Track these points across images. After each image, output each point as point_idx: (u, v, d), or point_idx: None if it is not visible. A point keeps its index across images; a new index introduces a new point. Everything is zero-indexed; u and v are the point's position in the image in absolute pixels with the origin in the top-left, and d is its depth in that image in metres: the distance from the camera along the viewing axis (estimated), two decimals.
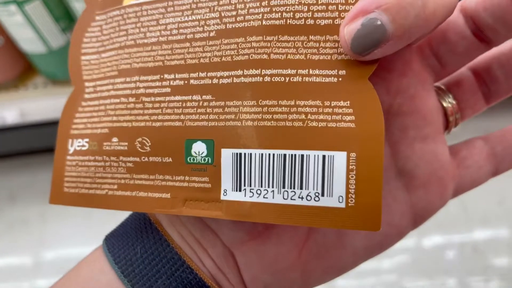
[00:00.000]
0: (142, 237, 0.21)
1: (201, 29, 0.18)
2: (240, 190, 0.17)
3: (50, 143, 0.45)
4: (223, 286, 0.20)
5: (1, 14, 0.57)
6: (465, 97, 0.20)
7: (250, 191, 0.17)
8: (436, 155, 0.19)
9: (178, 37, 0.18)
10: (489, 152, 0.20)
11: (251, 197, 0.17)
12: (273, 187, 0.16)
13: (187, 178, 0.18)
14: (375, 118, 0.15)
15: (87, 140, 0.20)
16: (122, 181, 0.19)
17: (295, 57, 0.16)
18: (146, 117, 0.18)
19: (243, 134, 0.17)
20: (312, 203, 0.16)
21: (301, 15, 0.16)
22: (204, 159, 0.17)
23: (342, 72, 0.16)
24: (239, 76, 0.17)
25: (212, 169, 0.17)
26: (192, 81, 0.18)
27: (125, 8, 0.19)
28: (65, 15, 0.61)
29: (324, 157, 0.16)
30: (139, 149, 0.18)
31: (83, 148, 0.20)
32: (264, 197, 0.16)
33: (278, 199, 0.16)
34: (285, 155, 0.16)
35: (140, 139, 0.18)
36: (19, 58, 0.68)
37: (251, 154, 0.17)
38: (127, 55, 0.19)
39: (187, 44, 0.18)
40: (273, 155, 0.16)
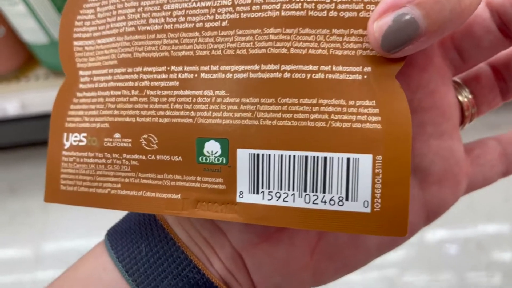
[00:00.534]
0: (146, 234, 0.20)
1: (212, 17, 0.16)
2: (257, 193, 0.16)
3: None
4: (231, 286, 0.20)
5: (2, 3, 0.56)
6: (483, 92, 0.20)
7: (269, 194, 0.16)
8: (452, 152, 0.18)
9: (186, 25, 0.17)
10: (502, 153, 0.20)
11: (269, 200, 0.16)
12: (293, 190, 0.16)
13: (199, 178, 0.17)
14: (403, 119, 0.15)
15: (84, 134, 0.18)
16: (127, 179, 0.18)
17: (316, 52, 0.15)
18: (152, 112, 0.17)
19: (260, 134, 0.16)
20: (336, 208, 0.15)
21: (323, 6, 0.15)
22: (218, 159, 0.16)
23: (368, 69, 0.15)
24: (255, 71, 0.16)
25: (227, 169, 0.16)
26: (203, 75, 0.17)
27: None
28: None
29: (348, 159, 0.15)
30: (144, 146, 0.17)
31: (81, 144, 0.19)
32: (284, 200, 0.16)
33: (299, 203, 0.16)
34: (306, 157, 0.15)
35: (145, 136, 0.17)
36: (20, 49, 0.67)
37: (269, 155, 0.16)
38: (127, 43, 0.18)
39: (196, 34, 0.17)
40: (294, 156, 0.15)
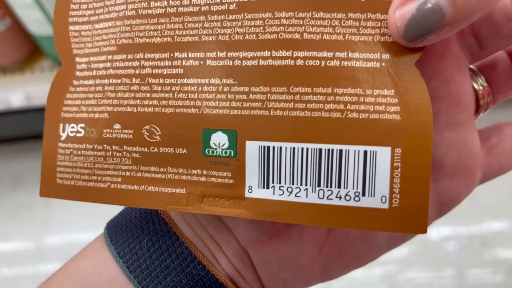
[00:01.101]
0: (148, 229, 0.19)
1: (218, 0, 0.16)
2: (268, 188, 0.15)
3: None
4: (238, 283, 0.19)
5: None
6: (499, 81, 0.19)
7: (280, 189, 0.15)
8: (467, 143, 0.18)
9: (191, 9, 0.16)
10: None
11: (280, 195, 0.15)
12: (306, 185, 0.15)
13: (205, 172, 0.16)
14: (423, 109, 0.14)
15: (82, 125, 0.18)
16: (127, 173, 0.17)
17: (331, 38, 0.14)
18: (155, 102, 0.16)
19: (271, 125, 0.15)
20: (352, 204, 0.14)
21: None
22: (226, 152, 0.16)
23: (386, 56, 0.14)
24: (266, 58, 0.15)
25: (235, 163, 0.16)
26: (209, 62, 0.16)
27: None
28: None
29: (365, 152, 0.14)
30: (147, 138, 0.17)
31: (79, 135, 0.18)
32: (296, 195, 0.15)
33: (313, 198, 0.15)
34: (320, 149, 0.15)
35: (147, 127, 0.16)
36: (25, 41, 0.67)
37: (280, 148, 0.15)
38: (127, 28, 0.17)
39: (202, 18, 0.16)
40: (307, 149, 0.15)
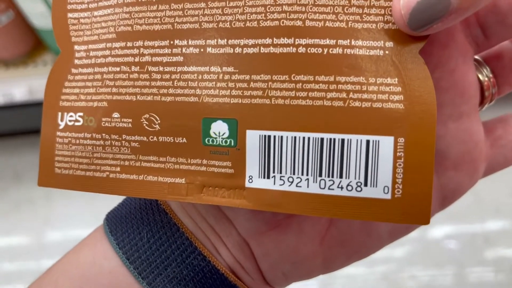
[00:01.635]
0: (148, 219, 0.19)
1: None
2: (268, 177, 0.15)
3: None
4: (238, 274, 0.19)
5: None
6: (504, 73, 0.19)
7: (281, 179, 0.15)
8: (471, 135, 0.18)
9: None
10: None
11: (281, 185, 0.15)
12: (307, 175, 0.15)
13: (205, 161, 0.16)
14: (427, 98, 0.14)
15: (81, 114, 0.17)
16: (126, 162, 0.17)
17: (334, 25, 0.14)
18: (154, 90, 0.16)
19: (272, 114, 0.15)
20: (354, 194, 0.14)
21: None
22: (226, 141, 0.15)
23: (389, 44, 0.14)
24: (267, 46, 0.15)
25: (235, 152, 0.15)
26: (209, 49, 0.15)
27: None
28: None
29: (368, 142, 0.14)
30: (146, 127, 0.16)
31: (77, 124, 0.17)
32: (297, 185, 0.15)
33: (314, 188, 0.15)
34: (322, 139, 0.14)
35: (147, 115, 0.16)
36: (29, 34, 0.66)
37: (281, 137, 0.15)
38: (126, 15, 0.16)
39: (202, 5, 0.15)
40: (308, 138, 0.15)
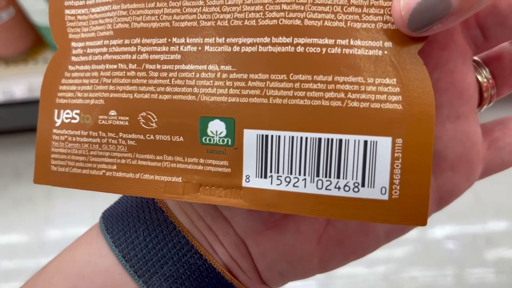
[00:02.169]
0: (144, 218, 0.19)
1: None
2: (265, 177, 0.15)
3: None
4: (235, 273, 0.19)
5: None
6: (504, 74, 0.19)
7: (278, 179, 0.15)
8: (468, 136, 0.17)
9: None
10: None
11: (278, 185, 0.15)
12: (305, 175, 0.15)
13: (202, 160, 0.16)
14: (426, 99, 0.14)
15: (77, 111, 0.17)
16: (123, 160, 0.17)
17: (333, 24, 0.14)
18: (151, 88, 0.16)
19: (270, 114, 0.15)
20: (351, 195, 0.14)
21: None
22: (223, 140, 0.15)
23: (388, 44, 0.14)
24: (265, 45, 0.15)
25: (232, 152, 0.15)
26: (207, 48, 0.15)
27: None
28: None
29: (366, 142, 0.14)
30: (143, 125, 0.16)
31: (74, 121, 0.17)
32: (294, 185, 0.15)
33: (311, 188, 0.15)
34: (320, 139, 0.14)
35: (144, 113, 0.16)
36: (29, 31, 0.66)
37: (279, 137, 0.15)
38: (124, 12, 0.16)
39: (201, 2, 0.15)
40: (306, 138, 0.14)
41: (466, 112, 0.17)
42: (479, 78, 0.18)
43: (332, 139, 0.14)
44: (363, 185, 0.14)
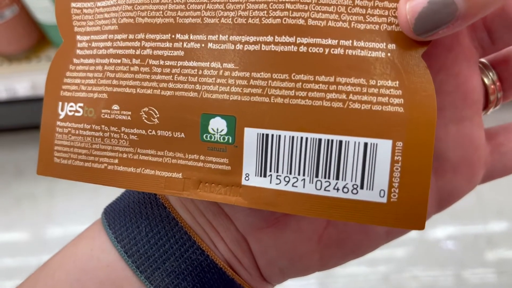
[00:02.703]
0: (147, 213, 0.19)
1: None
2: (265, 176, 0.15)
3: None
4: (236, 270, 0.19)
5: None
6: (511, 77, 0.19)
7: (277, 178, 0.15)
8: (471, 139, 0.17)
9: None
10: None
11: (277, 184, 0.15)
12: (304, 175, 0.15)
13: (202, 157, 0.16)
14: (427, 103, 0.14)
15: (81, 104, 0.17)
16: (124, 155, 0.17)
17: (337, 25, 0.14)
18: (154, 84, 0.16)
19: (271, 113, 0.15)
20: (349, 196, 0.14)
21: None
22: (224, 138, 0.15)
23: (392, 46, 0.14)
24: (268, 43, 0.15)
25: (232, 149, 0.15)
26: (210, 45, 0.15)
27: None
28: None
29: (366, 144, 0.14)
30: (145, 120, 0.16)
31: (77, 114, 0.17)
32: (293, 185, 0.15)
33: (310, 189, 0.15)
34: (320, 139, 0.14)
35: (146, 109, 0.16)
36: (32, 29, 0.66)
37: (279, 136, 0.15)
38: (129, 7, 0.16)
39: None
40: (306, 138, 0.14)
41: (470, 115, 0.17)
42: (486, 80, 0.18)
43: (332, 140, 0.14)
44: (362, 187, 0.14)
